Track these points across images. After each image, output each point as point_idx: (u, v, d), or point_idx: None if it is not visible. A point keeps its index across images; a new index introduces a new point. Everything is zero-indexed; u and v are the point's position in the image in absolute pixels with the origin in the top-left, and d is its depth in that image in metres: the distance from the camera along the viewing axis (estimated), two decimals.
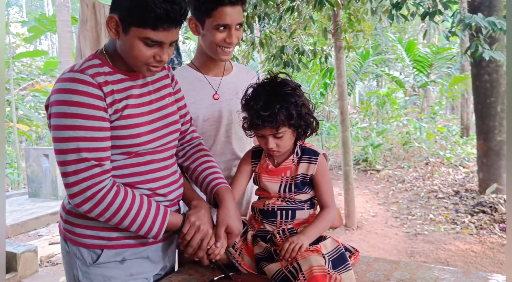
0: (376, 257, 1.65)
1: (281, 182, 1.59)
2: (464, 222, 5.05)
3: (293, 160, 1.59)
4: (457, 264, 4.10)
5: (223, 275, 1.46)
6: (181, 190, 1.56)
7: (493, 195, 5.49)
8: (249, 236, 1.62)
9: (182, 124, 1.60)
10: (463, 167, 7.99)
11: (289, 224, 1.60)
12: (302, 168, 1.58)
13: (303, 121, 1.54)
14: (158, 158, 1.46)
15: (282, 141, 1.53)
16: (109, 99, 1.34)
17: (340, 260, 1.45)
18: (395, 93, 12.79)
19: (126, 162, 1.40)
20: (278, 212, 1.59)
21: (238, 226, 1.48)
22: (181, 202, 1.61)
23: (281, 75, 1.57)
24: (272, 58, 5.11)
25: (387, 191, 6.91)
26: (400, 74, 12.78)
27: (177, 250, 1.73)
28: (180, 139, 1.64)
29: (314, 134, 1.63)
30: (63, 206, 1.48)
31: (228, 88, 1.84)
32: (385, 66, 12.85)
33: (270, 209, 1.60)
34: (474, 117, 12.02)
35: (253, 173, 1.69)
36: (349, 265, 1.44)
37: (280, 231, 1.56)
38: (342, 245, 1.53)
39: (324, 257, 1.39)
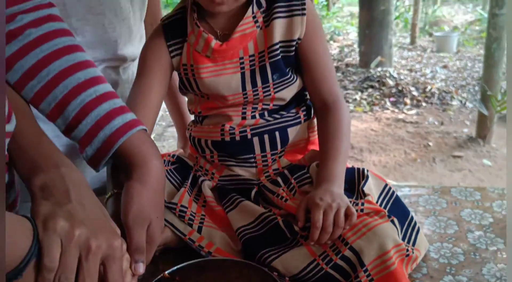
0: None
1: (243, 68, 0.78)
2: (355, 99, 4.80)
3: (254, 17, 0.77)
4: (362, 145, 3.84)
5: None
6: None
7: (379, 69, 5.30)
8: (206, 190, 0.82)
9: None
10: (334, 41, 7.78)
11: (279, 156, 0.83)
12: (279, 29, 0.77)
13: None
14: None
15: None
16: None
17: (400, 212, 0.75)
18: None
19: None
20: (256, 139, 0.81)
21: (161, 224, 0.68)
22: None
23: None
24: None
25: None
26: None
27: None
28: None
29: None
30: None
31: None
32: None
33: (238, 137, 0.80)
34: None
35: (173, 71, 0.83)
36: (414, 219, 0.77)
37: (280, 181, 0.79)
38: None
39: (393, 222, 0.68)
